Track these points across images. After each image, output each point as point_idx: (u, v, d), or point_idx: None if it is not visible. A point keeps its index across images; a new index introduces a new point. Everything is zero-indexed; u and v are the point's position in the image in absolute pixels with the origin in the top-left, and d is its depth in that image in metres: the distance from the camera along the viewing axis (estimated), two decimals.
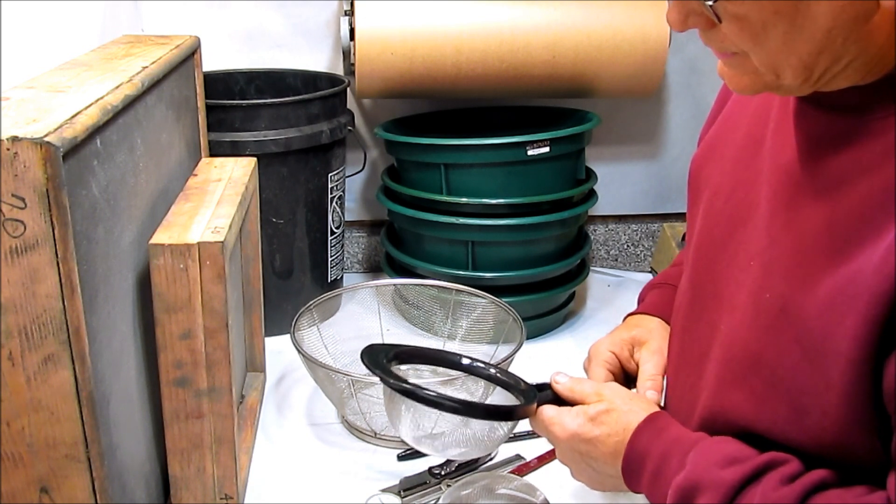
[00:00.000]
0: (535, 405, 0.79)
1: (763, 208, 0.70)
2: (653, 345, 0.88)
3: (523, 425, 0.82)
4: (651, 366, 0.87)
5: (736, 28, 0.58)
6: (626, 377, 0.89)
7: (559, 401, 0.80)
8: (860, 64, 0.58)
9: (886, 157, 0.59)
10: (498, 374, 0.85)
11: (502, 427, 0.80)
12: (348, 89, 1.41)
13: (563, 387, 0.79)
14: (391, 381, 0.78)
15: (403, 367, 0.88)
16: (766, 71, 0.60)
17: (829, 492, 0.62)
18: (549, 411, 0.78)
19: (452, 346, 1.25)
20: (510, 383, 0.83)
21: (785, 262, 0.65)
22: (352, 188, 1.60)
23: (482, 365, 0.87)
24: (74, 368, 0.68)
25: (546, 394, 0.80)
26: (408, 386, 0.77)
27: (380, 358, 0.83)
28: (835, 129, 0.63)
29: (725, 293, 0.73)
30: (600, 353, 0.89)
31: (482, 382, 0.87)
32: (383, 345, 0.88)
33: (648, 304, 0.95)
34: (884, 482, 0.59)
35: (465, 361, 0.87)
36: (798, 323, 0.62)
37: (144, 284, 0.86)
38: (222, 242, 0.83)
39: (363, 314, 1.30)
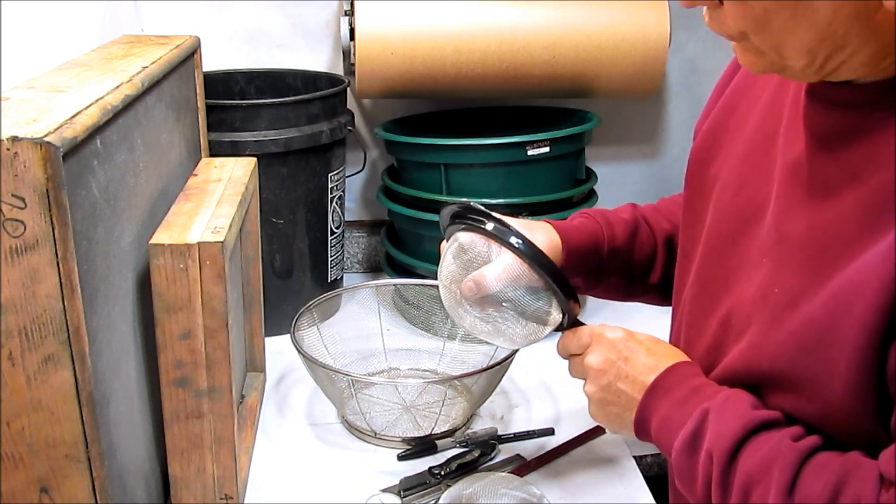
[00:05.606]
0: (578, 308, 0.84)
1: (773, 205, 0.71)
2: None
3: (523, 425, 0.81)
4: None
5: (739, 11, 0.61)
6: None
7: None
8: (866, 56, 0.59)
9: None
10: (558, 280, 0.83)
11: (545, 320, 0.84)
12: (348, 89, 1.41)
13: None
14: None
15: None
16: (769, 52, 0.62)
17: (830, 452, 0.64)
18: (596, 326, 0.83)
19: (452, 347, 1.25)
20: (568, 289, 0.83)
21: (796, 257, 0.66)
22: (352, 188, 1.60)
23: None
24: (74, 368, 0.68)
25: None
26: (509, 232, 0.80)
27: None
28: (844, 125, 0.64)
29: (735, 289, 0.74)
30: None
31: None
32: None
33: (562, 222, 0.96)
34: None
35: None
36: (804, 316, 0.63)
37: (144, 284, 0.86)
38: (222, 242, 0.83)
39: (363, 314, 1.30)
